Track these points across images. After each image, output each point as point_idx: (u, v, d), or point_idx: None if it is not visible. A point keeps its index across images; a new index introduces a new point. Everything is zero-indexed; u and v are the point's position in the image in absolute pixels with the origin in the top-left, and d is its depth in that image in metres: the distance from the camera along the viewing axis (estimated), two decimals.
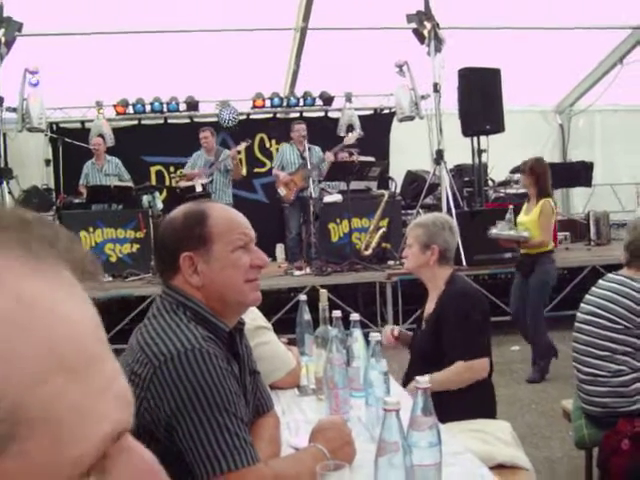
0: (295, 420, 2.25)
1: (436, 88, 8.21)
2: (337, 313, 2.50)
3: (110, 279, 7.68)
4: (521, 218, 5.84)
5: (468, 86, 7.87)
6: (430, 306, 3.09)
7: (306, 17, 9.20)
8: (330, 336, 2.24)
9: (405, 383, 2.93)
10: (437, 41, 8.14)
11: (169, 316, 1.61)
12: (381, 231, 8.00)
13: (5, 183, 7.78)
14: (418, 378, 1.56)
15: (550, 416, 4.66)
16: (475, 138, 8.11)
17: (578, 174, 9.83)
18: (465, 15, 9.06)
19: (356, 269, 7.59)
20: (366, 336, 2.35)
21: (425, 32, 8.13)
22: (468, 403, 2.86)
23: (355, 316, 2.44)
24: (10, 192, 7.96)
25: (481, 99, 7.78)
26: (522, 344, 6.93)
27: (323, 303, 2.52)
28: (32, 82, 8.80)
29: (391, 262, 7.88)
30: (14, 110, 8.78)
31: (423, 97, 9.58)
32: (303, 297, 2.91)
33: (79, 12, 8.64)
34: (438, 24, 8.15)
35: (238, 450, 1.46)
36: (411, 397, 2.02)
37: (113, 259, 8.12)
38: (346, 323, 3.14)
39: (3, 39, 7.70)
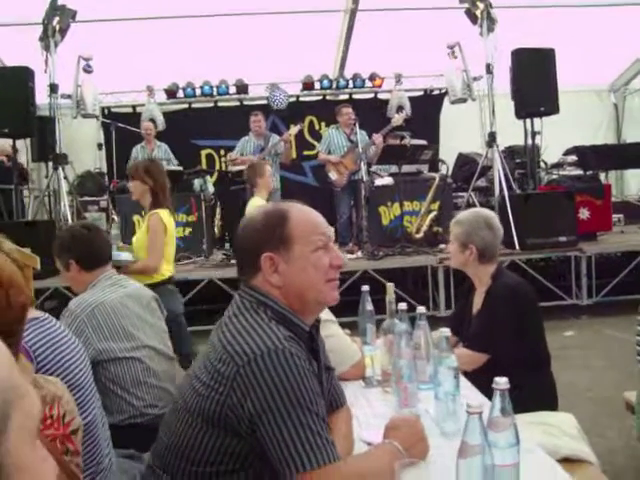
0: (364, 413, 2.27)
1: (489, 69, 8.07)
2: (403, 305, 2.51)
3: None
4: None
5: (522, 67, 7.72)
6: (478, 301, 3.08)
7: None
8: (399, 330, 2.24)
9: None
10: (490, 21, 7.99)
11: (249, 315, 1.64)
12: (432, 214, 7.95)
13: (61, 169, 7.89)
14: (497, 379, 1.56)
15: (608, 405, 4.59)
16: (528, 120, 7.97)
17: (633, 155, 9.60)
18: None
19: (407, 253, 7.56)
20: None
21: (478, 12, 7.99)
22: (529, 395, 2.84)
23: (421, 309, 2.44)
24: (65, 177, 8.09)
25: (535, 80, 7.63)
26: (576, 329, 6.86)
27: (390, 296, 2.53)
28: (86, 69, 8.92)
29: (442, 246, 7.82)
30: (69, 97, 8.91)
31: (475, 79, 9.43)
32: (365, 287, 2.91)
33: None
34: (491, 4, 8.00)
35: (320, 449, 1.49)
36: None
37: None
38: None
39: (57, 27, 7.78)
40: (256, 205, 5.21)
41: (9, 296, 1.47)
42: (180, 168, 8.71)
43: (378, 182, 8.10)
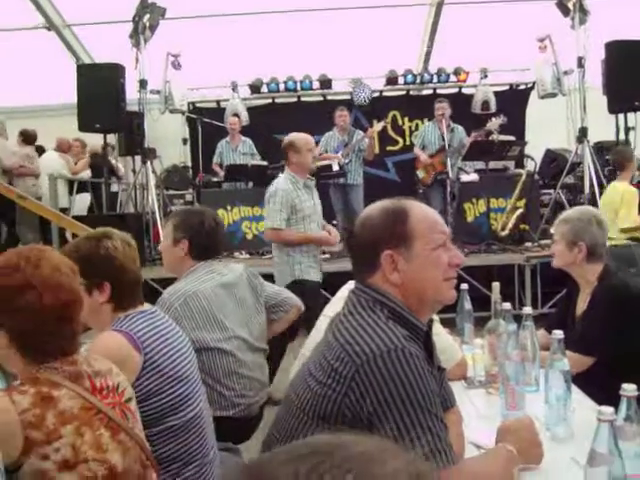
0: (467, 414, 2.22)
1: (580, 63, 7.84)
2: (507, 305, 2.46)
3: (247, 256, 7.86)
4: None
5: (616, 60, 7.47)
6: (582, 304, 2.96)
7: None
8: (506, 330, 2.19)
9: None
10: (582, 13, 7.76)
11: (366, 314, 1.61)
12: (518, 212, 7.77)
13: (149, 163, 8.07)
14: (624, 386, 1.50)
15: None
16: (621, 115, 7.71)
17: None
18: None
19: (493, 250, 7.43)
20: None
21: (570, 4, 7.77)
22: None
23: (527, 309, 2.39)
24: (154, 171, 8.27)
25: (630, 73, 7.36)
26: None
27: (495, 296, 2.47)
28: (174, 65, 9.09)
29: (528, 244, 7.66)
30: (157, 92, 9.10)
31: (566, 72, 9.17)
32: (464, 286, 2.86)
33: None
34: None
35: (440, 452, 1.45)
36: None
37: (249, 236, 8.29)
38: (481, 303, 3.08)
39: (148, 24, 7.96)
40: None
41: (42, 297, 1.56)
42: (264, 163, 8.77)
43: (464, 178, 7.98)
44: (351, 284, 2.79)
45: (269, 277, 7.00)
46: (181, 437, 2.10)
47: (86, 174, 9.57)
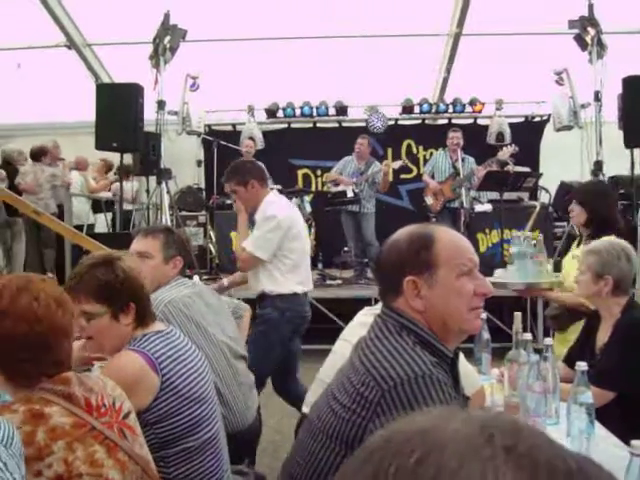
0: None
1: (597, 96, 7.86)
2: (527, 336, 2.43)
3: None
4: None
5: (633, 95, 7.46)
6: (603, 336, 2.91)
7: (460, 23, 9.08)
8: (528, 361, 2.17)
9: None
10: (600, 47, 7.79)
11: (394, 339, 1.60)
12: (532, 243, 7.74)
13: (164, 183, 8.10)
14: None
15: None
16: (637, 149, 7.70)
17: None
18: (627, 19, 8.68)
19: None
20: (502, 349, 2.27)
21: (588, 38, 7.80)
22: None
23: (548, 340, 2.36)
24: (168, 191, 8.29)
25: None
26: None
27: (517, 326, 2.45)
28: (193, 87, 9.16)
29: None
30: (175, 113, 9.15)
31: (583, 106, 9.20)
32: (483, 315, 2.83)
33: (235, 19, 8.96)
34: (602, 30, 7.80)
35: None
36: None
37: None
38: (492, 333, 3.05)
39: (168, 45, 8.02)
40: None
41: (15, 327, 1.62)
42: (278, 187, 8.78)
43: (478, 208, 7.97)
44: (366, 310, 2.79)
45: None
46: (197, 459, 2.08)
47: (105, 194, 9.71)
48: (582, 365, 2.00)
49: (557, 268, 7.56)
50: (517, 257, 3.70)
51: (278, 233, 4.12)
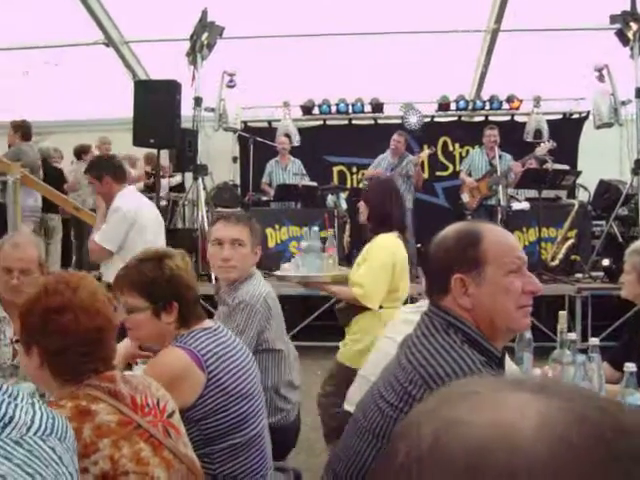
0: None
1: (638, 93, 7.73)
2: (573, 336, 2.40)
3: None
4: None
5: None
6: None
7: (499, 19, 8.98)
8: (574, 362, 2.13)
9: None
10: None
11: (441, 337, 1.58)
12: (569, 242, 7.64)
13: (201, 179, 8.13)
14: None
15: None
16: None
17: None
18: None
19: (543, 280, 7.29)
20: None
21: (630, 34, 7.67)
22: None
23: (594, 340, 2.32)
24: (204, 188, 8.33)
25: None
26: None
27: (562, 325, 2.41)
28: (229, 84, 9.18)
29: (579, 275, 7.52)
30: (212, 110, 9.18)
31: (623, 103, 9.03)
32: None
33: (271, 16, 8.98)
34: None
35: None
36: None
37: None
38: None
39: (206, 42, 8.06)
40: None
41: (78, 320, 1.62)
42: (314, 183, 8.79)
43: (515, 206, 7.89)
44: (410, 307, 2.76)
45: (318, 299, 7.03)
46: (242, 455, 2.09)
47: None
48: (630, 366, 1.96)
49: (596, 267, 7.50)
50: (305, 251, 3.98)
51: (123, 225, 4.32)
